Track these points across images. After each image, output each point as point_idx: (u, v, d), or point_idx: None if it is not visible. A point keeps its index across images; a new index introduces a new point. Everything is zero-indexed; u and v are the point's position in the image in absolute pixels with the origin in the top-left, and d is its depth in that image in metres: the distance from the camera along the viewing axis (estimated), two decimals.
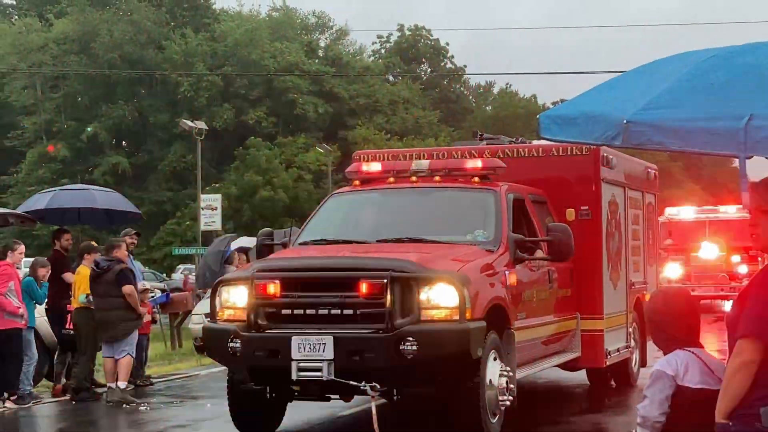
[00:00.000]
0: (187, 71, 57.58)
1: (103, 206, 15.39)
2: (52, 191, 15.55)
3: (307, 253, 9.79)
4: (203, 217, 37.84)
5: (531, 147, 11.82)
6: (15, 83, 59.24)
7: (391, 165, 11.09)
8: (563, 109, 4.76)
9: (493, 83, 76.42)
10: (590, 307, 11.32)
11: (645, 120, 4.15)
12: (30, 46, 58.15)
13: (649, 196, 13.81)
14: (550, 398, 12.40)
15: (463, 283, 8.45)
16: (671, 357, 4.58)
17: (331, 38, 68.59)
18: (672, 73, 4.37)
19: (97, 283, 12.35)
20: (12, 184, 58.02)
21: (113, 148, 60.34)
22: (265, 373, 8.86)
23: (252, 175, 52.96)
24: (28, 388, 12.45)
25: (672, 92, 4.24)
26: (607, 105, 4.40)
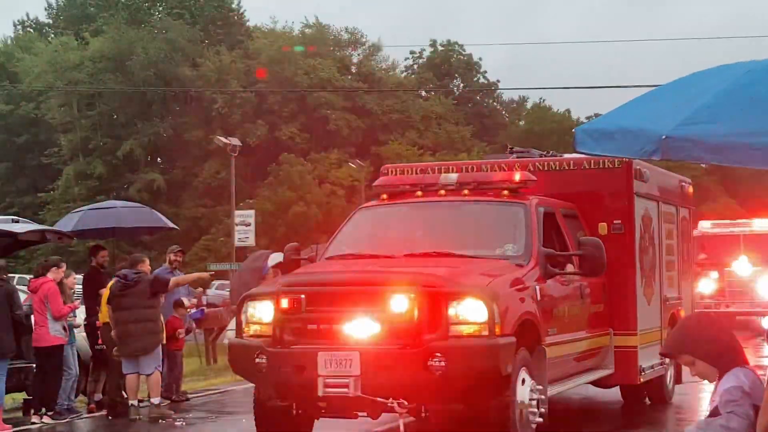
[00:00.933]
0: (221, 88, 57.92)
1: (131, 224, 15.47)
2: (79, 212, 15.64)
3: (334, 268, 9.71)
4: (237, 233, 37.97)
5: (562, 160, 11.72)
6: (52, 101, 59.81)
7: (420, 178, 11.06)
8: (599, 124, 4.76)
9: (527, 98, 76.28)
10: (624, 322, 11.18)
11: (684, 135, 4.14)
12: (66, 64, 58.72)
13: (683, 210, 13.63)
14: (584, 416, 12.26)
15: (492, 298, 8.34)
16: (739, 374, 4.54)
17: (364, 54, 68.71)
18: (710, 88, 4.36)
19: (124, 295, 12.29)
20: (49, 201, 58.53)
21: (148, 165, 60.75)
22: (291, 390, 8.74)
23: (285, 190, 53.13)
24: (66, 404, 12.53)
25: (711, 107, 4.23)
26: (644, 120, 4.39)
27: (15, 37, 68.62)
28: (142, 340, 12.18)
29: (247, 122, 57.90)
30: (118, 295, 12.32)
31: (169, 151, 61.44)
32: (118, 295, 12.32)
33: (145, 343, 12.17)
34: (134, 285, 12.30)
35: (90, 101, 60.50)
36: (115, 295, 12.36)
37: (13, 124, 60.88)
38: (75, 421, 12.53)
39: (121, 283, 12.32)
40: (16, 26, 70.69)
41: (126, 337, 12.24)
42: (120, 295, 12.30)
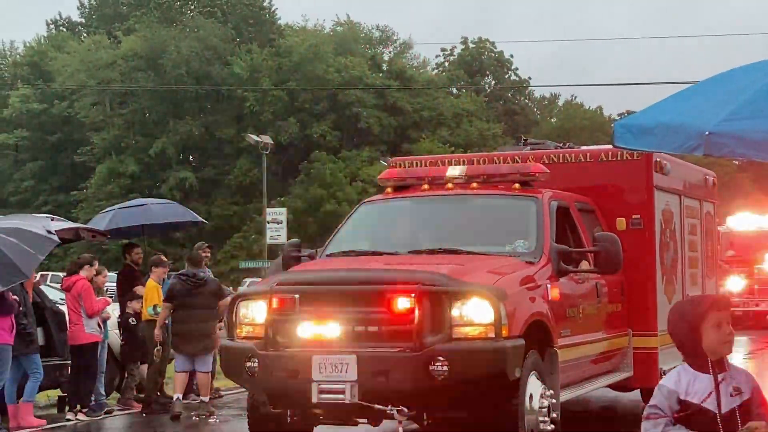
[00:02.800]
0: (253, 86, 58.12)
1: (163, 220, 15.52)
2: (111, 210, 15.71)
3: (332, 266, 9.09)
4: (269, 231, 38.12)
5: (578, 152, 11.15)
6: (84, 100, 60.28)
7: (426, 171, 10.45)
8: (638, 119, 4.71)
9: (558, 95, 76.03)
10: (643, 323, 10.55)
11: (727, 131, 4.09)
12: (99, 63, 59.15)
13: (707, 205, 12.92)
14: (602, 420, 11.72)
15: (499, 297, 7.77)
16: (676, 372, 4.50)
17: (395, 52, 68.74)
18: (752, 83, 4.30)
19: (193, 295, 12.27)
20: (82, 199, 58.98)
21: (180, 163, 61.06)
22: (284, 396, 8.17)
23: (316, 188, 53.26)
24: (98, 400, 12.60)
25: (754, 103, 4.18)
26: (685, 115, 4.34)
27: (48, 36, 69.23)
28: (204, 339, 12.17)
29: (279, 120, 58.08)
30: (184, 294, 12.28)
31: (201, 149, 61.73)
32: (184, 294, 12.28)
33: (207, 342, 12.16)
34: (204, 285, 12.30)
35: (122, 100, 60.94)
36: (180, 294, 12.32)
37: (46, 123, 61.44)
38: (109, 417, 12.59)
39: (192, 282, 12.28)
40: (49, 25, 71.35)
41: (189, 335, 12.24)
42: (187, 294, 12.27)
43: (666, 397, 4.35)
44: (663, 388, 4.37)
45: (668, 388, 4.35)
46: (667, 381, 4.38)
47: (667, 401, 4.34)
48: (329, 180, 53.70)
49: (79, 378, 12.39)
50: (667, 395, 4.35)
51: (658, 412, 4.35)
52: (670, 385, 4.35)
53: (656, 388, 4.37)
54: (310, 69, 59.06)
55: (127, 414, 12.92)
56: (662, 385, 4.37)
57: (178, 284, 12.42)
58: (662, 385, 4.37)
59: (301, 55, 59.37)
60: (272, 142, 43.19)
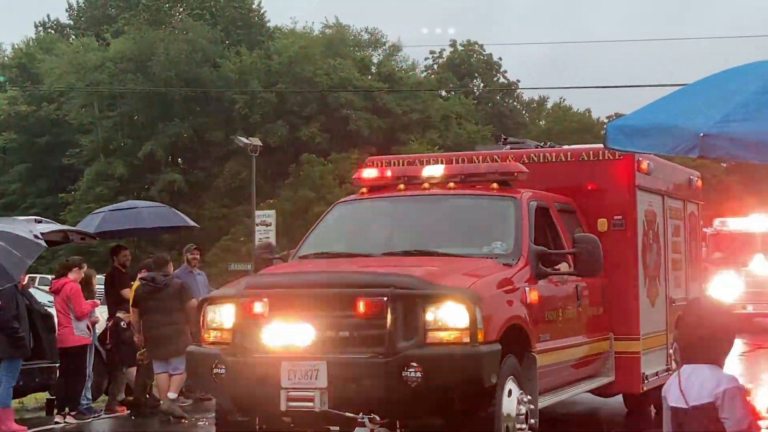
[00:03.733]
0: (242, 89, 58.00)
1: (152, 224, 15.51)
2: (101, 212, 15.69)
3: (303, 268, 8.90)
4: (258, 233, 38.03)
5: (558, 151, 11.01)
6: (73, 102, 60.02)
7: (402, 171, 10.27)
8: (632, 120, 4.70)
9: (547, 98, 76.07)
10: (625, 326, 10.45)
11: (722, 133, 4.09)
12: (87, 65, 58.91)
13: (691, 206, 12.80)
14: (584, 427, 11.63)
15: (474, 301, 7.58)
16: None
17: (384, 54, 68.68)
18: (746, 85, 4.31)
19: (154, 299, 12.26)
20: (70, 201, 58.75)
21: (169, 166, 60.87)
22: (252, 403, 7.98)
23: (306, 190, 53.15)
24: (86, 403, 12.55)
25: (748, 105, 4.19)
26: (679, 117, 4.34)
27: (36, 38, 68.95)
28: (174, 342, 12.16)
29: (268, 122, 57.95)
30: (146, 298, 12.27)
31: (190, 152, 61.55)
32: (146, 298, 12.27)
33: (177, 345, 12.14)
34: (164, 288, 12.26)
35: (111, 102, 60.70)
36: (143, 299, 12.31)
37: (34, 125, 61.15)
38: (97, 420, 12.54)
39: (150, 287, 12.26)
40: (37, 27, 71.07)
41: (158, 339, 12.22)
42: (149, 298, 12.26)
43: (747, 401, 4.25)
44: (743, 390, 4.26)
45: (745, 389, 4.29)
46: (736, 381, 4.27)
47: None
48: (318, 182, 53.59)
49: (68, 381, 12.35)
50: (746, 397, 4.26)
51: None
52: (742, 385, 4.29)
53: (739, 392, 4.18)
54: (299, 71, 58.97)
55: (115, 417, 12.88)
56: (742, 387, 4.25)
57: (140, 288, 12.44)
58: (742, 387, 4.25)
59: (290, 58, 59.28)
60: (261, 145, 43.06)
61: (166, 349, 12.19)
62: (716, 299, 4.67)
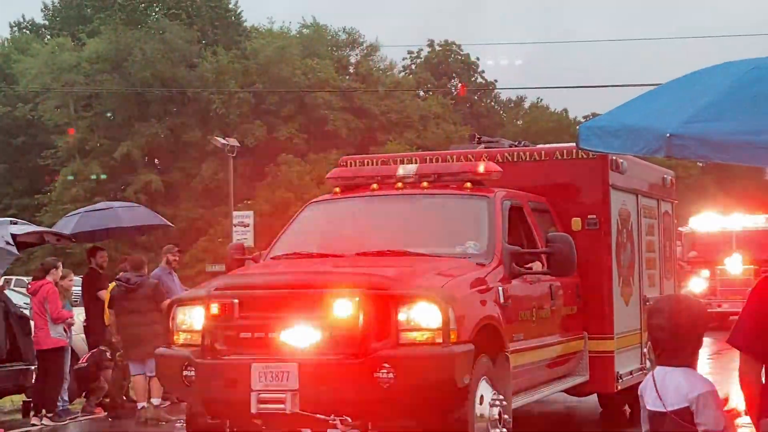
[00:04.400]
0: (219, 89, 57.85)
1: (128, 224, 15.49)
2: (77, 214, 15.65)
3: (274, 269, 8.82)
4: (235, 234, 37.87)
5: (533, 150, 10.99)
6: (48, 102, 59.70)
7: (375, 170, 10.23)
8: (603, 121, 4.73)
9: (524, 98, 76.31)
10: (599, 326, 10.45)
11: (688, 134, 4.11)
12: (63, 65, 58.59)
13: (665, 205, 12.83)
14: (558, 426, 11.57)
15: (447, 301, 7.52)
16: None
17: (362, 54, 68.69)
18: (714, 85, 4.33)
19: (129, 299, 12.23)
20: (46, 202, 58.44)
21: (146, 166, 60.64)
22: (223, 406, 7.85)
23: (284, 191, 53.06)
24: (61, 405, 12.51)
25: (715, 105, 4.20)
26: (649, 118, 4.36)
27: (11, 38, 68.53)
28: (149, 343, 12.12)
29: (245, 123, 57.81)
30: (121, 299, 12.25)
31: (167, 152, 61.32)
32: (121, 299, 12.25)
33: (153, 346, 12.12)
34: (137, 288, 12.23)
35: (87, 102, 60.40)
36: (117, 300, 12.30)
37: (9, 126, 60.79)
38: (74, 422, 12.50)
39: (124, 288, 12.24)
40: (12, 28, 70.59)
41: (133, 340, 12.19)
42: (123, 299, 12.24)
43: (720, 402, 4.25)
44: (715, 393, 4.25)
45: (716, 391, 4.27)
46: (709, 384, 4.26)
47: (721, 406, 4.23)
48: (296, 183, 53.52)
49: (45, 383, 12.30)
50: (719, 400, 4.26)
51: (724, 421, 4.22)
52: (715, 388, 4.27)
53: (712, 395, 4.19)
54: (277, 71, 58.86)
55: (92, 419, 12.84)
56: (713, 391, 4.24)
57: (115, 290, 12.43)
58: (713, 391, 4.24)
59: (268, 58, 59.17)
60: (238, 145, 42.96)
61: (142, 349, 12.15)
62: (683, 296, 4.68)
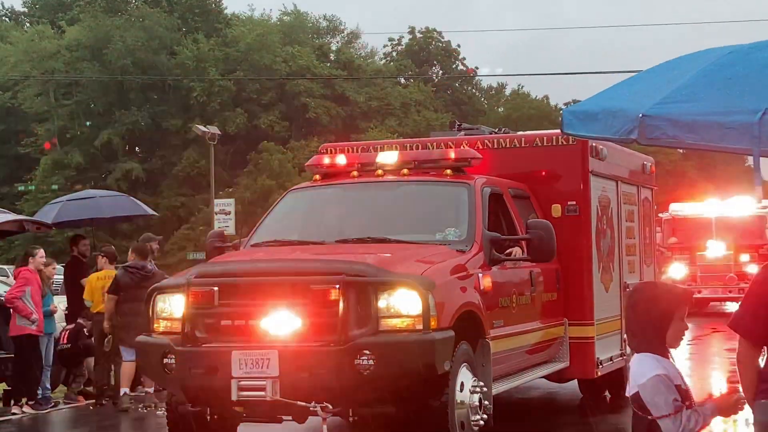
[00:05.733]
0: (200, 76, 57.68)
1: (111, 214, 15.44)
2: (59, 202, 15.58)
3: (254, 256, 8.76)
4: (217, 222, 37.84)
5: (513, 137, 10.93)
6: (28, 90, 59.37)
7: (356, 158, 10.17)
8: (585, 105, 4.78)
9: (505, 85, 76.39)
10: (579, 312, 10.40)
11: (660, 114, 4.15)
12: (42, 53, 58.28)
13: (645, 191, 12.79)
14: (540, 412, 11.57)
15: (427, 287, 7.50)
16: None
17: (343, 42, 68.62)
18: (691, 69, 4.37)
19: (141, 287, 12.21)
20: (26, 191, 58.19)
21: (126, 154, 60.46)
22: (203, 393, 7.80)
23: (265, 179, 53.01)
24: (44, 393, 12.49)
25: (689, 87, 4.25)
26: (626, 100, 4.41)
27: None
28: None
29: (226, 110, 57.70)
30: (133, 286, 12.19)
31: (148, 140, 61.15)
32: (133, 286, 12.19)
33: None
34: (151, 277, 12.23)
35: (67, 90, 60.14)
36: (128, 287, 12.23)
37: None
38: (55, 411, 12.49)
39: (140, 275, 12.19)
40: None
41: (134, 328, 12.17)
42: (136, 286, 12.18)
43: (670, 386, 4.22)
44: (663, 378, 4.21)
45: (667, 376, 4.23)
46: (657, 369, 4.23)
47: (672, 389, 4.23)
48: (277, 170, 53.46)
49: (20, 370, 12.29)
50: (669, 384, 4.23)
51: (678, 403, 4.20)
52: (665, 373, 4.24)
53: (655, 381, 4.18)
54: (257, 59, 58.76)
55: (74, 407, 12.84)
56: (659, 375, 4.21)
57: (125, 276, 12.35)
58: (659, 375, 4.21)
59: (248, 45, 59.06)
60: (219, 133, 42.89)
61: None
62: (648, 283, 4.69)
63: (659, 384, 4.21)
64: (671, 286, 4.46)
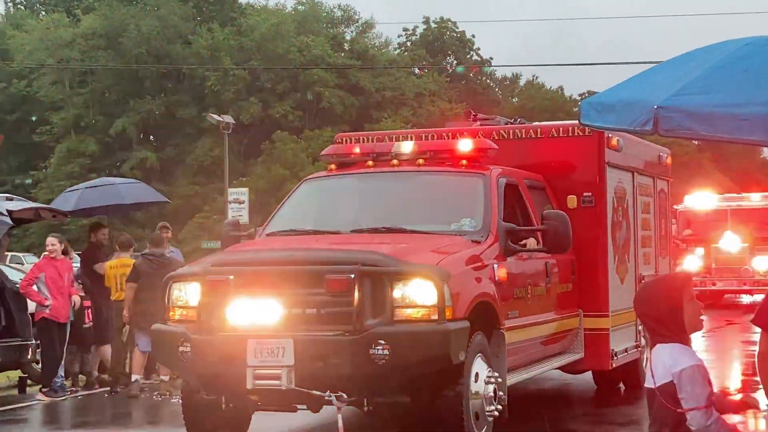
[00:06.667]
0: (214, 66, 57.75)
1: (130, 200, 15.47)
2: (77, 189, 15.60)
3: (269, 245, 8.76)
4: (231, 211, 37.96)
5: (528, 128, 10.87)
6: (43, 79, 59.60)
7: (371, 147, 10.08)
8: (603, 97, 4.79)
9: (520, 75, 76.23)
10: (594, 303, 10.34)
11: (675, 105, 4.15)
12: (58, 41, 58.48)
13: (661, 182, 12.69)
14: (554, 403, 11.48)
15: (442, 277, 7.47)
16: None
17: (357, 31, 68.55)
18: (707, 61, 4.37)
19: (160, 275, 12.29)
20: (41, 179, 58.41)
21: (141, 143, 60.62)
22: (219, 382, 7.80)
23: (278, 168, 53.07)
24: (58, 381, 12.56)
25: (704, 78, 4.24)
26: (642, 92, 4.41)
27: (6, 14, 68.35)
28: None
29: (240, 100, 57.77)
30: (151, 274, 12.28)
31: (162, 129, 61.29)
32: (151, 274, 12.28)
33: None
34: (169, 265, 12.31)
35: (82, 79, 60.33)
36: (146, 274, 12.32)
37: (4, 102, 60.73)
38: (71, 398, 12.55)
39: (158, 263, 12.30)
40: (7, 3, 70.47)
41: (152, 315, 12.26)
42: (154, 274, 12.26)
43: (706, 377, 4.21)
44: (701, 368, 4.21)
45: (704, 367, 4.22)
46: (694, 360, 4.23)
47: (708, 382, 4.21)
48: (291, 160, 53.51)
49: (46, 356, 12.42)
50: (706, 375, 4.21)
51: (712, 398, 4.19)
52: (701, 364, 4.23)
53: (693, 370, 4.18)
54: (272, 48, 58.79)
55: (90, 394, 12.90)
56: (698, 366, 4.21)
57: (143, 264, 12.44)
58: (698, 366, 4.21)
59: (263, 35, 59.08)
60: (233, 122, 42.98)
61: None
62: (654, 279, 4.70)
63: (697, 374, 4.21)
64: (669, 274, 4.48)
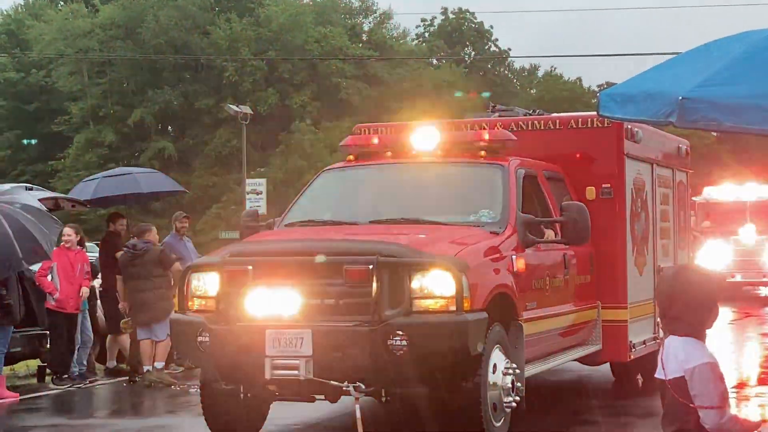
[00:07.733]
0: (232, 56, 57.76)
1: (148, 190, 15.50)
2: (95, 179, 15.66)
3: (288, 236, 8.80)
4: (248, 202, 38.06)
5: (547, 119, 10.86)
6: (62, 69, 59.72)
7: (390, 138, 10.14)
8: (623, 88, 4.75)
9: (538, 66, 75.94)
10: (613, 295, 10.34)
11: (700, 96, 4.11)
12: (76, 31, 58.58)
13: (680, 174, 12.66)
14: (572, 395, 11.55)
15: (460, 269, 7.49)
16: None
17: (375, 22, 68.42)
18: (731, 52, 4.33)
19: (134, 265, 12.42)
20: (59, 168, 58.61)
21: (159, 133, 60.73)
22: (237, 372, 7.86)
23: (296, 159, 53.08)
24: (75, 370, 12.62)
25: (729, 69, 4.20)
26: (665, 83, 4.37)
27: (25, 4, 68.47)
28: (154, 309, 12.32)
29: (258, 90, 57.77)
30: (128, 265, 12.44)
31: (180, 120, 61.37)
32: (128, 265, 12.44)
33: (157, 312, 12.30)
34: (143, 254, 12.39)
35: (100, 69, 60.42)
36: (124, 266, 12.48)
37: (23, 92, 60.91)
38: (88, 387, 12.59)
39: (131, 254, 12.43)
40: None
41: (139, 305, 12.39)
42: (130, 265, 12.43)
43: (721, 376, 4.14)
44: (715, 367, 4.14)
45: (718, 365, 4.15)
46: (708, 357, 4.14)
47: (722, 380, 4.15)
48: (309, 151, 53.51)
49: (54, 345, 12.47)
50: (720, 374, 4.14)
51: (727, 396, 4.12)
52: (716, 361, 4.17)
53: (707, 368, 4.09)
54: (290, 39, 58.73)
55: (107, 384, 12.95)
56: (712, 363, 4.13)
57: (122, 257, 12.58)
58: (712, 363, 4.13)
59: (281, 25, 59.02)
60: (251, 113, 43.01)
61: (147, 314, 12.36)
62: (693, 267, 4.57)
63: (710, 372, 4.14)
64: (710, 271, 4.38)
